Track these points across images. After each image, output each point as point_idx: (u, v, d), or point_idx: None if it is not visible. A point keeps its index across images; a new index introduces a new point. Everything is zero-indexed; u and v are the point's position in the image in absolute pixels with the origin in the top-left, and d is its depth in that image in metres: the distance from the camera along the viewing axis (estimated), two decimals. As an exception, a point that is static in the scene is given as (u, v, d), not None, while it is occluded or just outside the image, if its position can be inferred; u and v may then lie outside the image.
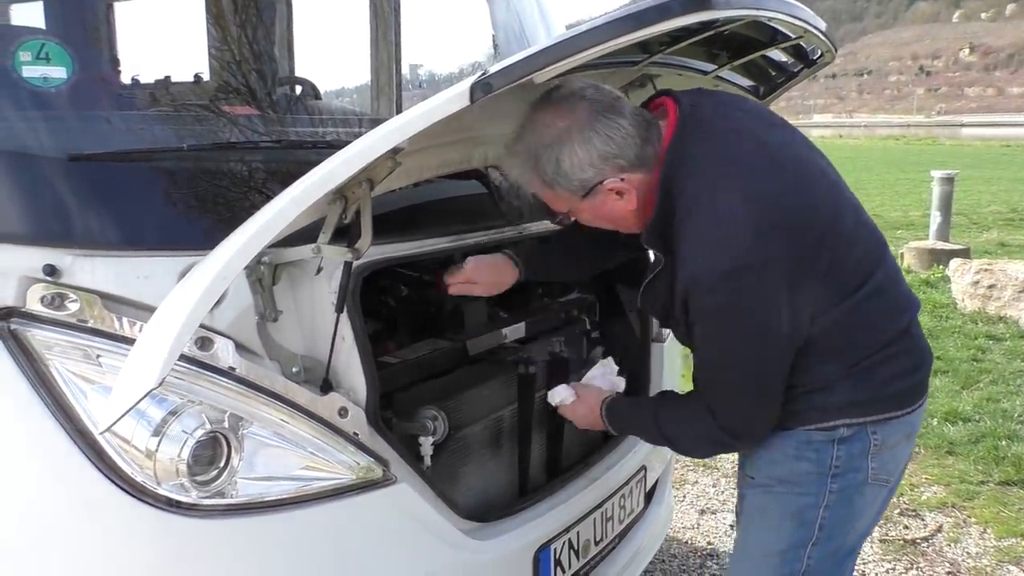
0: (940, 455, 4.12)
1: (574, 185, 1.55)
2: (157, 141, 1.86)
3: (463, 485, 2.00)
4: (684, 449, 1.84)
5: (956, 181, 9.49)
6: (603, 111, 1.52)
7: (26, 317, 1.46)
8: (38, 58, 1.64)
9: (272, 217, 1.29)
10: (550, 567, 1.99)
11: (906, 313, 1.70)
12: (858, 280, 1.59)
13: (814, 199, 1.57)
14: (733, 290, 1.48)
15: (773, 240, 1.47)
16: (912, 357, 1.69)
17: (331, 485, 1.61)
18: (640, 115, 1.56)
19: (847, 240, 1.58)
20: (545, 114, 1.54)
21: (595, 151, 1.51)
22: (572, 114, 1.51)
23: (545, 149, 1.53)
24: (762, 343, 1.54)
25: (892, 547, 3.31)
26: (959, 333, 6.13)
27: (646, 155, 1.54)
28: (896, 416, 1.66)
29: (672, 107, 1.59)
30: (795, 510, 1.69)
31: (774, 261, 1.48)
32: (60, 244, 1.49)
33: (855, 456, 1.65)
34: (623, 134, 1.52)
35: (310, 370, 1.65)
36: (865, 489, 1.68)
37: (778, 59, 2.23)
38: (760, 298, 1.49)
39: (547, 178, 1.56)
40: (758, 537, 1.76)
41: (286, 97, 2.86)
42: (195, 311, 1.23)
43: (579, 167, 1.52)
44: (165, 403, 1.47)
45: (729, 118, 1.62)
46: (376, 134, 1.31)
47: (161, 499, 1.46)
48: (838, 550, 1.72)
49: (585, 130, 1.51)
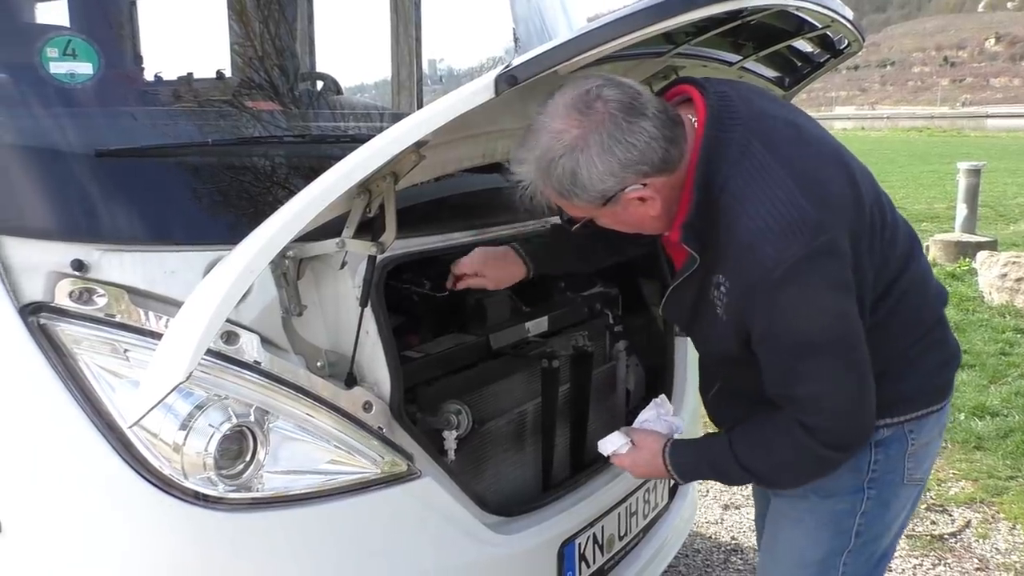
0: (968, 450, 4.07)
1: (593, 196, 1.39)
2: (182, 137, 1.87)
3: (487, 479, 2.00)
4: (775, 481, 1.65)
5: (983, 173, 9.35)
6: (623, 113, 1.34)
7: (55, 312, 1.48)
8: (65, 54, 1.65)
9: (298, 211, 1.29)
10: (575, 562, 1.98)
11: (940, 304, 1.66)
12: (900, 268, 1.55)
13: (858, 184, 1.49)
14: (809, 278, 1.35)
15: (835, 222, 1.39)
16: (947, 348, 1.66)
17: (356, 479, 1.62)
18: (664, 111, 1.40)
19: (890, 227, 1.53)
20: (556, 119, 1.37)
21: (615, 160, 1.35)
22: (587, 118, 1.34)
23: (558, 159, 1.36)
24: (845, 330, 1.41)
25: (919, 543, 3.27)
26: (986, 326, 6.04)
27: (671, 157, 1.39)
28: (933, 411, 1.62)
29: (698, 97, 1.47)
30: (831, 519, 1.64)
31: (839, 243, 1.38)
32: (88, 239, 1.50)
33: (892, 458, 1.60)
34: (646, 138, 1.35)
35: (335, 364, 1.65)
36: (900, 491, 1.64)
37: (804, 49, 2.21)
38: (834, 282, 1.38)
39: (563, 190, 1.40)
40: (791, 546, 1.70)
41: (308, 92, 2.86)
42: (222, 305, 1.23)
43: (598, 178, 1.36)
44: (192, 397, 1.48)
45: (757, 103, 1.52)
46: (401, 127, 1.31)
47: (188, 492, 1.47)
48: (872, 554, 1.68)
49: (604, 137, 1.34)
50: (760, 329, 1.42)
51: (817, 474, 1.55)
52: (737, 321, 1.44)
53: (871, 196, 1.51)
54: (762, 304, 1.39)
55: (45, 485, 1.49)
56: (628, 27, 1.30)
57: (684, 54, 1.92)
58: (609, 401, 2.42)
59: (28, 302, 1.47)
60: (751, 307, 1.40)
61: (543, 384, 2.10)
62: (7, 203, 1.51)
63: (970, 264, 7.64)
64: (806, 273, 1.36)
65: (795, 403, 1.46)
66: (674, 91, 1.54)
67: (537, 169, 1.40)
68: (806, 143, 1.49)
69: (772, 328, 1.41)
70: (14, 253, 1.48)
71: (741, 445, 1.56)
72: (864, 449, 1.57)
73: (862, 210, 1.47)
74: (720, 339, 1.52)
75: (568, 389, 2.19)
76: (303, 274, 1.61)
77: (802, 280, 1.36)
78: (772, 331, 1.42)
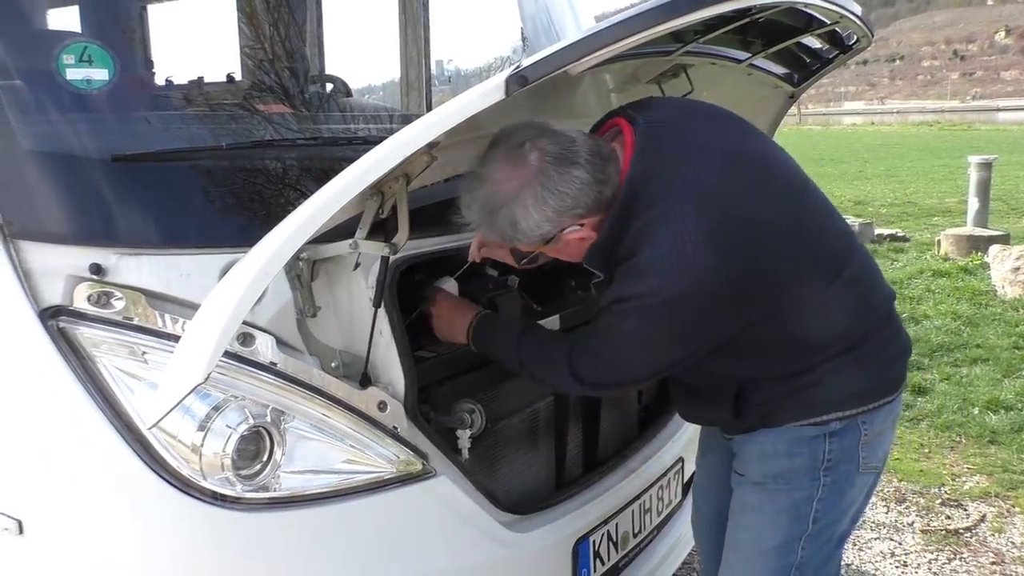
0: (982, 444, 4.05)
1: (533, 239, 1.52)
2: (196, 141, 1.89)
3: (501, 478, 2.00)
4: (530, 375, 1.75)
5: (994, 166, 9.30)
6: (555, 165, 1.45)
7: (74, 315, 1.50)
8: (81, 60, 1.67)
9: (312, 213, 1.30)
10: (589, 559, 1.99)
11: (885, 301, 1.72)
12: (833, 271, 1.60)
13: (776, 208, 1.55)
14: (674, 313, 1.47)
15: (731, 263, 1.46)
16: (896, 344, 1.72)
17: (372, 478, 1.63)
18: (597, 153, 1.49)
19: (815, 235, 1.59)
20: (496, 170, 1.48)
21: (549, 209, 1.46)
22: (523, 171, 1.45)
23: (499, 210, 1.48)
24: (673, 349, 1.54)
25: (934, 538, 3.26)
26: (999, 320, 6.01)
27: (604, 197, 1.49)
28: (886, 403, 1.69)
29: (627, 129, 1.54)
30: (789, 505, 1.70)
31: (728, 282, 1.46)
32: (105, 243, 1.52)
33: (847, 448, 1.67)
34: (578, 185, 1.46)
35: (349, 365, 1.66)
36: (855, 479, 1.71)
37: (813, 46, 2.21)
38: (703, 314, 1.49)
39: (505, 236, 1.53)
40: (752, 533, 1.76)
41: (318, 95, 2.88)
42: (239, 307, 1.24)
43: (536, 225, 1.48)
44: (209, 398, 1.50)
45: (690, 130, 1.59)
46: (413, 128, 1.32)
47: (207, 492, 1.49)
48: (830, 539, 1.74)
49: (537, 189, 1.45)
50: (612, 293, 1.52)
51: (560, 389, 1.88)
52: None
53: (792, 216, 1.57)
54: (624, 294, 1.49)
55: (65, 486, 1.51)
56: (637, 26, 1.30)
57: (692, 52, 1.92)
58: (621, 398, 2.42)
59: (47, 306, 1.50)
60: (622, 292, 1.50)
61: (556, 382, 2.10)
62: (26, 208, 1.53)
63: (982, 258, 7.60)
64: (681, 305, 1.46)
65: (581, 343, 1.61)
66: (608, 124, 1.61)
67: (480, 217, 1.52)
68: (733, 175, 1.54)
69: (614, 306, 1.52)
70: (33, 258, 1.50)
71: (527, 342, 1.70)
72: (819, 440, 1.65)
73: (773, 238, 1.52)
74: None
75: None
76: (317, 275, 1.62)
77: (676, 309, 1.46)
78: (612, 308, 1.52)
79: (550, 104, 1.82)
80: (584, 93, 2.28)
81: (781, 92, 2.40)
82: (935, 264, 7.82)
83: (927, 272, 7.51)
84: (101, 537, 1.51)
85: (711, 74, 2.16)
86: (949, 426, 4.25)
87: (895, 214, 11.79)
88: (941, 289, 6.91)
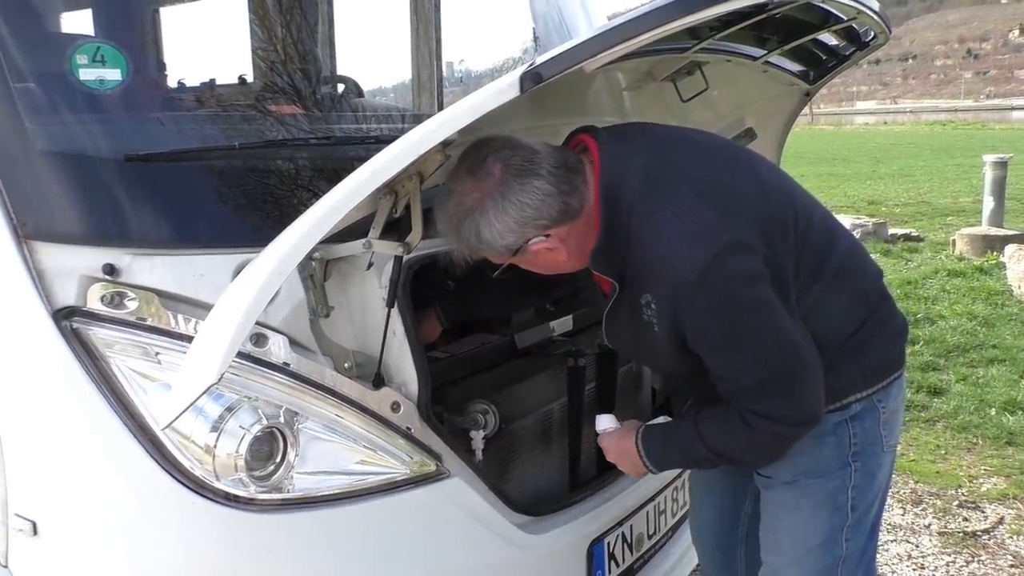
0: (999, 446, 4.01)
1: (499, 250, 1.51)
2: (209, 141, 1.88)
3: (514, 479, 1.99)
4: (744, 461, 1.72)
5: (1009, 165, 9.22)
6: (517, 175, 1.45)
7: (87, 316, 1.50)
8: (94, 61, 1.67)
9: (326, 213, 1.30)
10: (604, 561, 1.97)
11: (878, 278, 1.74)
12: (826, 254, 1.61)
13: (764, 182, 1.58)
14: (722, 276, 1.44)
15: (738, 221, 1.47)
16: (897, 321, 1.75)
17: (385, 479, 1.62)
18: (563, 164, 1.49)
19: (805, 218, 1.60)
20: (460, 183, 1.49)
21: (511, 219, 1.46)
22: (485, 182, 1.46)
23: (463, 221, 1.48)
24: (767, 315, 1.48)
25: (952, 540, 3.23)
26: (1016, 320, 5.95)
27: (571, 207, 1.49)
28: (895, 379, 1.71)
29: (591, 141, 1.55)
30: (825, 497, 1.69)
31: (745, 240, 1.46)
32: (118, 244, 1.52)
33: (868, 429, 1.68)
34: (540, 196, 1.45)
35: (362, 365, 1.66)
36: (882, 459, 1.73)
37: (829, 42, 2.18)
38: (746, 276, 1.46)
39: (471, 246, 1.52)
40: (793, 534, 1.74)
41: (330, 96, 2.87)
42: (252, 307, 1.24)
43: (499, 235, 1.47)
44: (222, 399, 1.49)
45: (654, 131, 1.64)
46: (428, 126, 1.31)
47: (220, 493, 1.49)
48: (867, 526, 1.75)
49: (498, 199, 1.45)
50: (692, 334, 1.49)
51: (782, 451, 1.62)
52: (673, 333, 1.51)
53: (781, 192, 1.60)
54: (686, 309, 1.46)
55: (79, 488, 1.51)
56: (654, 22, 1.29)
57: (708, 49, 1.91)
58: (635, 400, 2.41)
59: (61, 307, 1.50)
60: (679, 315, 1.47)
61: (569, 383, 2.09)
62: (39, 209, 1.53)
63: (998, 258, 7.53)
64: (718, 272, 1.43)
65: (744, 395, 1.53)
66: (574, 141, 1.61)
67: (449, 228, 1.52)
68: (705, 155, 1.60)
69: (701, 330, 1.49)
70: (47, 258, 1.50)
71: (705, 429, 1.61)
72: (842, 425, 1.66)
73: (768, 204, 1.54)
74: (666, 356, 1.58)
75: (594, 388, 2.18)
76: (330, 275, 1.62)
77: (715, 279, 1.44)
78: (702, 333, 1.49)
79: (563, 103, 1.81)
80: (597, 92, 2.26)
81: (796, 90, 2.38)
82: (950, 264, 7.75)
83: (942, 272, 7.45)
84: (114, 538, 1.51)
85: (726, 71, 2.15)
86: (966, 427, 4.21)
87: (909, 214, 11.71)
88: (956, 289, 6.85)
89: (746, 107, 2.51)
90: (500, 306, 2.08)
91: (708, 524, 2.04)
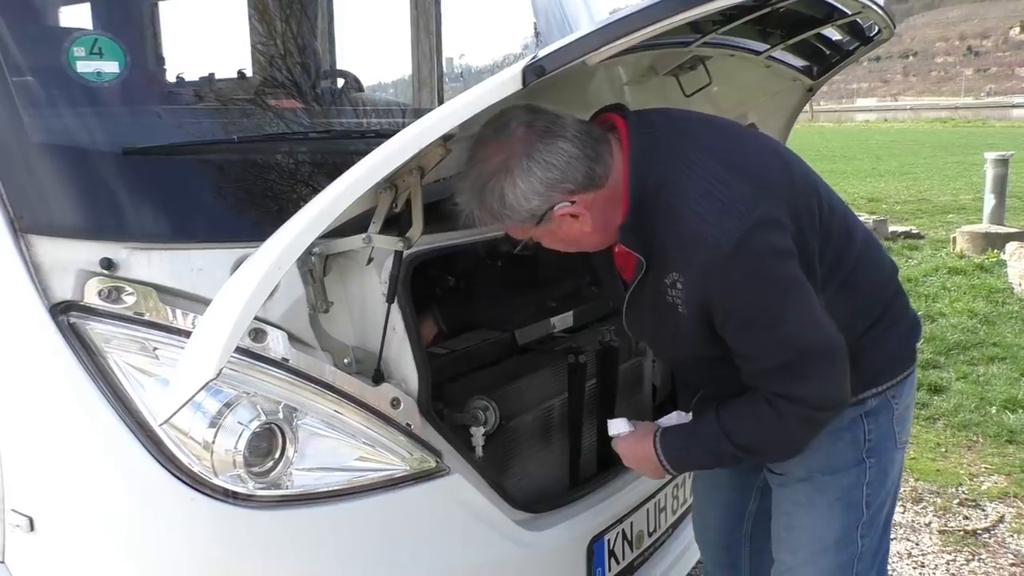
0: (1000, 444, 4.00)
1: (524, 216, 1.47)
2: (208, 135, 1.87)
3: (515, 476, 1.98)
4: (770, 453, 1.68)
5: (1010, 163, 9.21)
6: (541, 136, 1.43)
7: (84, 311, 1.48)
8: (91, 53, 1.65)
9: (325, 207, 1.28)
10: (604, 558, 1.96)
11: (893, 273, 1.75)
12: (847, 241, 1.60)
13: (791, 168, 1.57)
14: (754, 249, 1.41)
15: (769, 196, 1.45)
16: (909, 317, 1.76)
17: (385, 476, 1.61)
18: (587, 132, 1.47)
19: (828, 205, 1.59)
20: (483, 147, 1.46)
21: (537, 180, 1.43)
22: (509, 144, 1.43)
23: (487, 184, 1.45)
24: (798, 292, 1.46)
25: (952, 538, 3.22)
26: (1017, 318, 5.94)
27: (596, 174, 1.46)
28: (908, 375, 1.71)
29: (618, 118, 1.54)
30: (840, 494, 1.68)
31: (776, 215, 1.45)
32: (116, 238, 1.51)
33: (883, 425, 1.68)
34: (566, 157, 1.43)
35: (362, 361, 1.64)
36: (895, 455, 1.73)
37: (833, 37, 2.17)
38: (778, 250, 1.44)
39: (495, 212, 1.48)
40: (807, 532, 1.72)
41: (330, 90, 2.86)
42: (251, 302, 1.23)
43: (524, 198, 1.44)
44: (220, 395, 1.48)
45: (681, 113, 1.63)
46: (429, 120, 1.30)
47: (218, 490, 1.47)
48: (880, 523, 1.74)
49: (523, 160, 1.42)
50: (722, 310, 1.46)
51: (809, 437, 1.58)
52: (701, 313, 1.48)
53: (806, 179, 1.59)
54: (718, 284, 1.43)
55: (76, 483, 1.50)
56: (658, 15, 1.28)
57: (711, 43, 1.89)
58: (635, 397, 2.40)
59: (58, 301, 1.48)
60: (710, 290, 1.45)
61: (569, 380, 2.08)
62: (36, 203, 1.51)
63: (999, 255, 7.53)
64: (751, 245, 1.41)
65: (771, 377, 1.50)
66: (600, 119, 1.59)
67: (472, 196, 1.48)
68: (733, 136, 1.60)
69: (731, 305, 1.46)
70: (44, 252, 1.49)
71: (729, 423, 1.58)
72: (856, 421, 1.65)
73: (796, 189, 1.53)
74: (687, 339, 1.55)
75: (594, 384, 2.17)
76: (329, 270, 1.60)
77: (749, 252, 1.41)
78: (732, 308, 1.46)
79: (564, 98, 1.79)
80: (598, 86, 2.25)
81: (799, 85, 2.37)
82: (950, 262, 7.75)
83: (942, 269, 7.44)
84: (111, 534, 1.50)
85: (729, 66, 2.13)
86: (966, 425, 4.20)
87: (909, 211, 11.70)
88: (957, 287, 6.84)
89: (749, 102, 2.50)
90: (500, 309, 2.06)
91: (712, 522, 2.03)
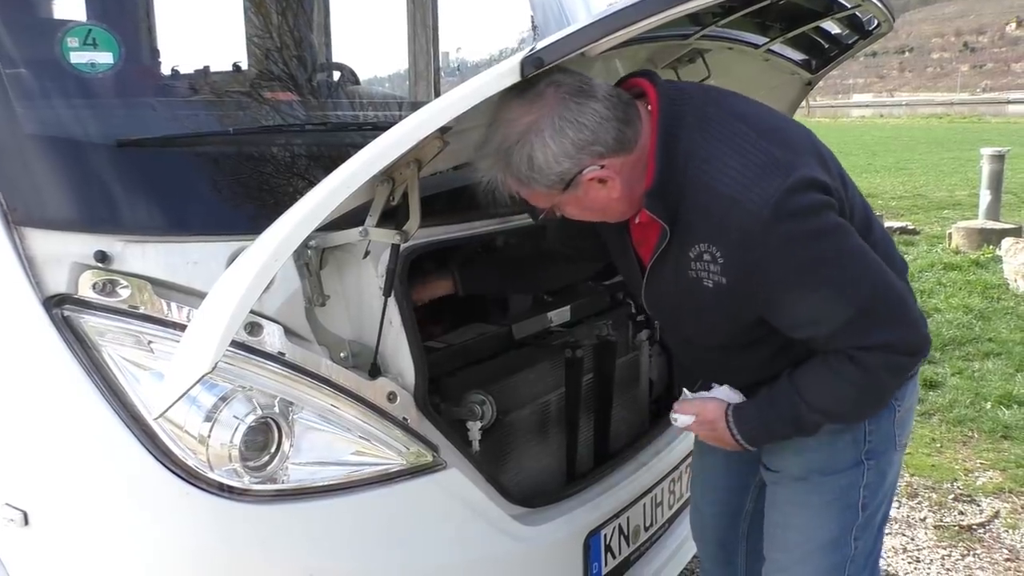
0: (995, 439, 4.01)
1: (552, 180, 1.41)
2: (203, 127, 1.86)
3: (511, 470, 1.98)
4: (855, 412, 1.59)
5: (1006, 159, 9.22)
6: (572, 95, 1.37)
7: (78, 304, 1.47)
8: (85, 44, 1.64)
9: (322, 199, 1.27)
10: (601, 553, 1.96)
11: (905, 270, 1.67)
12: (866, 233, 1.53)
13: (814, 141, 1.53)
14: (799, 206, 1.37)
15: (805, 161, 1.42)
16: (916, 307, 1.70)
17: (381, 470, 1.60)
18: (616, 95, 1.43)
19: (851, 190, 1.55)
20: (510, 110, 1.39)
21: (568, 141, 1.37)
22: (539, 105, 1.37)
23: (515, 146, 1.39)
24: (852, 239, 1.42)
25: (947, 533, 3.23)
26: (1012, 314, 5.95)
27: (626, 137, 1.41)
28: (912, 376, 1.67)
29: (647, 83, 1.49)
30: (837, 495, 1.66)
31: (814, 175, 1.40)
32: (110, 231, 1.50)
33: (883, 427, 1.65)
34: (598, 118, 1.38)
35: (358, 355, 1.64)
36: (893, 458, 1.70)
37: (832, 30, 2.16)
38: (822, 204, 1.40)
39: (522, 176, 1.42)
40: (801, 531, 1.70)
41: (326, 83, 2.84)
42: (246, 296, 1.21)
43: (554, 160, 1.38)
44: (216, 388, 1.47)
45: (710, 87, 1.60)
46: (427, 112, 1.28)
47: (214, 484, 1.47)
48: (875, 526, 1.72)
49: (555, 119, 1.37)
50: (769, 280, 1.41)
51: (897, 387, 1.54)
52: (737, 285, 1.42)
53: (833, 159, 1.55)
54: (758, 251, 1.38)
55: (70, 477, 1.49)
56: (658, 6, 1.27)
57: (710, 36, 1.88)
58: (632, 391, 2.40)
59: (52, 294, 1.47)
60: (749, 262, 1.39)
61: (567, 374, 2.08)
62: (30, 195, 1.50)
63: (994, 251, 7.54)
64: (790, 206, 1.36)
65: (846, 333, 1.43)
66: (627, 84, 1.55)
67: (496, 160, 1.43)
68: (764, 107, 1.56)
69: (781, 273, 1.40)
70: (37, 245, 1.48)
71: (810, 393, 1.52)
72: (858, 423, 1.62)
73: (827, 162, 1.49)
74: (715, 316, 1.50)
75: (592, 379, 2.17)
76: (326, 264, 1.59)
77: (793, 210, 1.36)
78: (783, 276, 1.40)
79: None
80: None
81: (798, 79, 2.36)
82: (946, 257, 7.76)
83: (938, 265, 7.45)
84: (106, 529, 1.49)
85: (728, 60, 2.12)
86: (961, 421, 4.21)
87: (905, 207, 11.71)
88: (952, 283, 6.85)
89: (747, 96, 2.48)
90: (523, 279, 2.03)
91: (710, 520, 2.02)
